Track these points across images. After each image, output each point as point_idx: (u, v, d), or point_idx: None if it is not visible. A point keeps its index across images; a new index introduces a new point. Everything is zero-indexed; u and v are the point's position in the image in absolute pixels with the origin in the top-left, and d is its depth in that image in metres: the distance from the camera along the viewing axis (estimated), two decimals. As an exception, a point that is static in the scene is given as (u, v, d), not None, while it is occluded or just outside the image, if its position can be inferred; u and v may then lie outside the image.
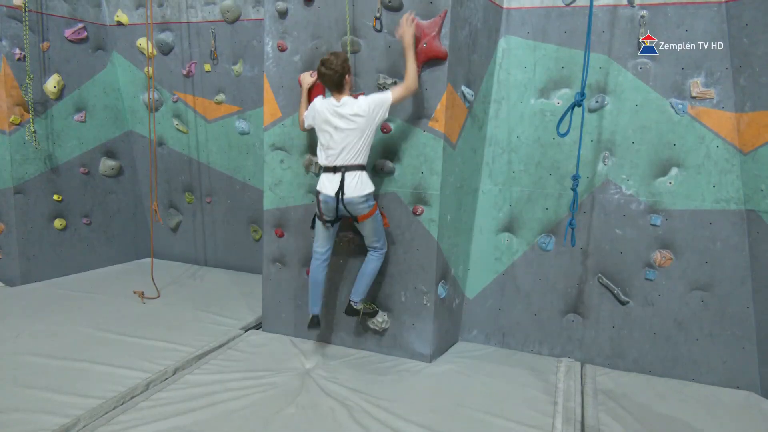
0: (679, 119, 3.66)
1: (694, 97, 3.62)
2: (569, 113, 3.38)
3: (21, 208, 5.27)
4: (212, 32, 5.43)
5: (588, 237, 3.91)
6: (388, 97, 3.33)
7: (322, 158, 3.44)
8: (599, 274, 3.91)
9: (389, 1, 3.52)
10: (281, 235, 4.19)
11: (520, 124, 4.00)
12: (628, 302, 3.86)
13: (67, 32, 5.49)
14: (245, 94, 5.46)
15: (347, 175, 3.34)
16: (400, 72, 3.59)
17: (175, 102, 5.79)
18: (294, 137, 4.03)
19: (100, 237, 5.98)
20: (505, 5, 3.96)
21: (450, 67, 3.49)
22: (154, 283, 5.22)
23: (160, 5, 5.60)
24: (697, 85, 3.61)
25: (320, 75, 3.37)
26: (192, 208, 6.11)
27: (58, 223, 5.56)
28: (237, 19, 5.31)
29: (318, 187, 3.47)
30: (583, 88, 3.25)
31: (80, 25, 5.59)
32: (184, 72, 5.63)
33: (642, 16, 3.65)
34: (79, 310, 4.60)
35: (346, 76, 3.36)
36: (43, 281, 5.44)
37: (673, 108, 3.66)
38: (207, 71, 5.55)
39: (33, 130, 5.15)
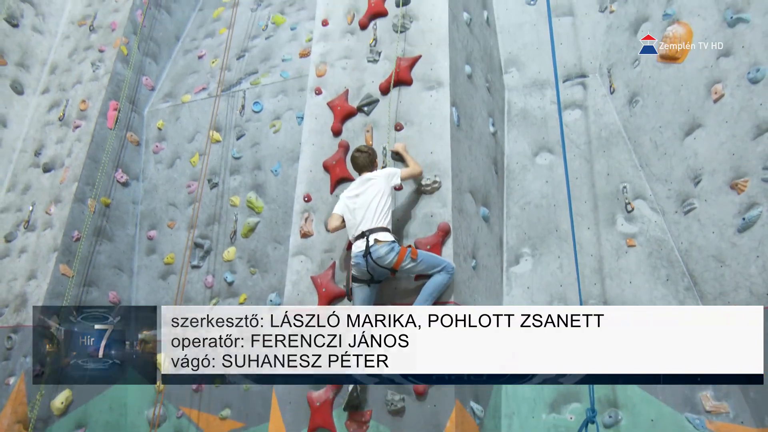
0: (701, 436, 3.52)
1: (708, 411, 3.55)
2: (584, 431, 3.28)
3: None
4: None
5: None
6: (397, 170, 3.79)
7: (352, 235, 3.65)
8: None
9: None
10: None
11: (535, 442, 3.83)
12: None
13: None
14: (251, 408, 5.38)
15: (371, 236, 3.50)
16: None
17: (179, 418, 5.66)
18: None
19: None
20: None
21: (457, 383, 3.54)
22: None
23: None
24: (707, 398, 3.58)
25: (353, 158, 3.82)
26: None
27: None
28: (253, 335, 5.64)
29: (352, 253, 3.61)
30: (592, 404, 3.24)
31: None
32: (194, 387, 5.67)
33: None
34: None
35: (376, 160, 3.84)
36: None
37: (691, 423, 3.55)
38: (216, 387, 5.60)
39: (26, 450, 4.94)
